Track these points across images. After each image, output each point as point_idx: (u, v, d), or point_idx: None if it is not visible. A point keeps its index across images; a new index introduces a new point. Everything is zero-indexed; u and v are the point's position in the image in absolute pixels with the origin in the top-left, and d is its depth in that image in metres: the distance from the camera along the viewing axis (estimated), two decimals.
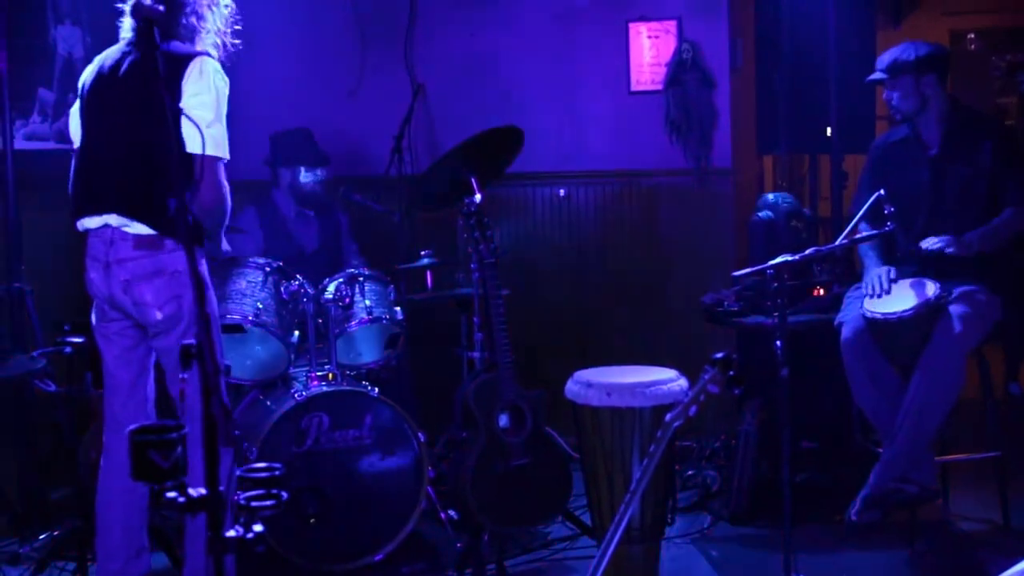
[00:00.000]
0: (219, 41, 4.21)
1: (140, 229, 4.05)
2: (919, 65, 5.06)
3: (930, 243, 4.90)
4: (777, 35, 6.27)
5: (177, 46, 4.08)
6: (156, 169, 3.99)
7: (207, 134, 3.91)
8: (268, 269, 5.14)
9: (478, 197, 5.16)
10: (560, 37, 6.73)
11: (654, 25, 6.53)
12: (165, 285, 4.06)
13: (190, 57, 4.02)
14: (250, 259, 5.24)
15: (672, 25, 6.48)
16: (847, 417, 5.33)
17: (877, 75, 5.17)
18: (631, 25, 6.57)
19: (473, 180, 5.22)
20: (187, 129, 3.90)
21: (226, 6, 4.27)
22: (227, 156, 4.05)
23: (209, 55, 4.10)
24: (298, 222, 6.05)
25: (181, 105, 3.94)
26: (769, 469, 5.51)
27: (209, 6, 4.18)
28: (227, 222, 4.14)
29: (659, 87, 6.51)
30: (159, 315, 4.08)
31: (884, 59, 5.17)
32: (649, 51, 6.55)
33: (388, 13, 6.92)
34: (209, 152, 3.95)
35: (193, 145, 3.93)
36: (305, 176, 5.98)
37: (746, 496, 5.44)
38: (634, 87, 6.61)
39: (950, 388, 4.74)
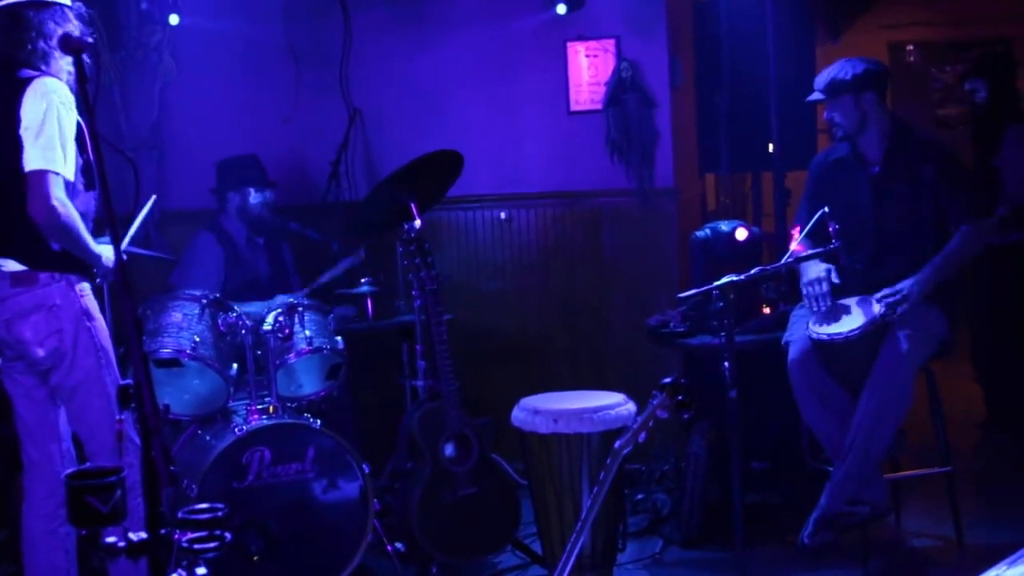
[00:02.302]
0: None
1: (13, 266, 4.03)
2: (857, 83, 5.09)
3: (887, 301, 4.92)
4: (716, 53, 6.31)
5: (22, 72, 4.01)
6: (16, 204, 3.93)
7: (30, 148, 3.86)
8: (204, 301, 5.11)
9: (418, 223, 5.15)
10: (498, 58, 6.74)
11: (592, 44, 6.55)
12: (43, 321, 4.03)
13: (29, 80, 3.96)
14: (186, 290, 5.21)
15: (611, 44, 6.51)
16: (797, 436, 5.35)
17: (816, 95, 5.20)
18: (569, 44, 6.59)
19: (412, 205, 5.21)
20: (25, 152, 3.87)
21: (79, 17, 4.12)
22: (59, 170, 3.91)
23: (50, 75, 4.01)
24: (249, 248, 6.03)
25: (21, 130, 3.90)
26: (720, 491, 5.53)
27: (56, 23, 4.03)
28: (82, 236, 3.99)
29: (599, 107, 6.53)
30: (40, 352, 4.06)
31: (822, 78, 5.18)
32: (588, 70, 6.57)
33: (322, 37, 6.90)
34: (32, 167, 3.87)
35: (27, 163, 3.88)
36: (255, 198, 5.98)
37: (697, 519, 5.45)
38: (573, 107, 6.63)
39: (899, 407, 4.77)
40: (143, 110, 6.74)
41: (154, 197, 4.83)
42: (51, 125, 3.91)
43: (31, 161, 3.88)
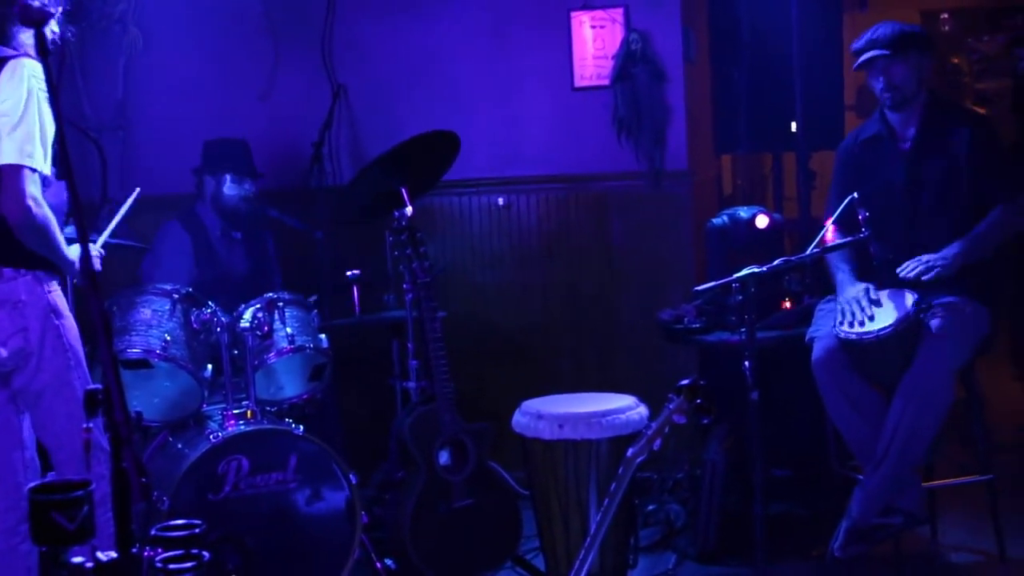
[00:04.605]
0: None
1: None
2: (924, 41, 5.06)
3: (908, 270, 4.92)
4: (734, 22, 6.29)
5: None
6: None
7: (7, 139, 3.86)
8: (176, 296, 5.10)
9: (409, 210, 5.15)
10: (495, 30, 6.71)
11: (598, 14, 6.52)
12: (7, 318, 4.02)
13: (4, 61, 3.95)
14: (156, 284, 5.20)
15: (618, 13, 6.48)
16: (822, 441, 5.35)
17: (876, 52, 5.05)
18: (573, 14, 6.56)
19: (403, 191, 5.21)
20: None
21: None
22: (37, 166, 3.93)
23: (28, 56, 3.99)
24: (223, 242, 6.01)
25: None
26: (739, 501, 5.53)
27: None
28: (56, 239, 4.00)
29: (605, 82, 6.50)
30: (3, 352, 4.04)
31: (882, 32, 5.07)
32: (593, 43, 6.55)
33: (302, 6, 6.86)
34: (8, 160, 3.88)
35: (1, 156, 3.88)
36: (230, 187, 5.95)
37: (714, 532, 5.45)
38: (578, 83, 6.61)
39: (939, 410, 4.75)
40: (107, 87, 6.72)
41: (137, 191, 4.86)
42: (32, 115, 3.91)
43: (6, 154, 3.87)
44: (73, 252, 4.06)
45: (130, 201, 4.92)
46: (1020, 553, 5.13)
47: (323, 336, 5.40)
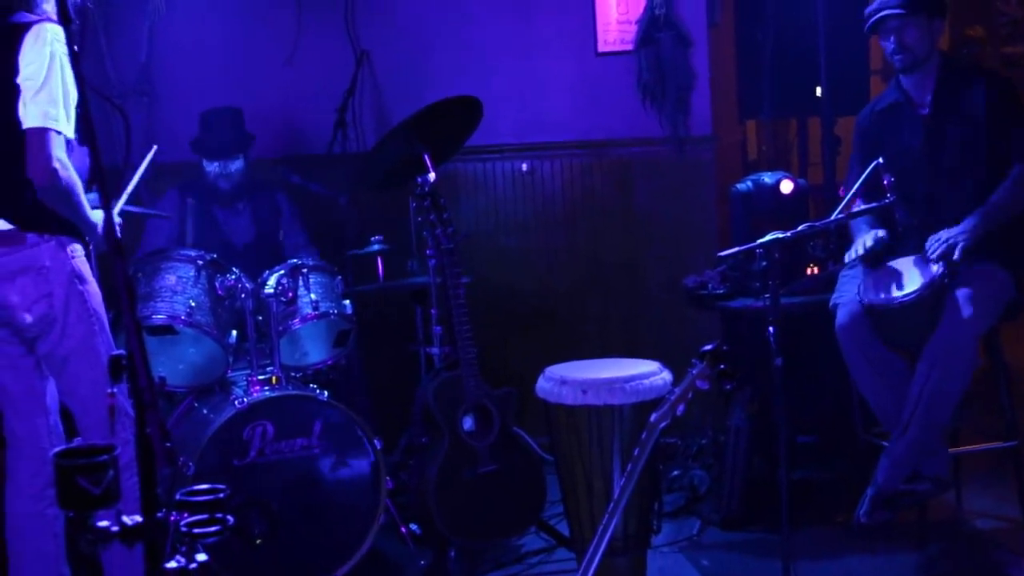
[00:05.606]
0: None
1: None
2: (937, 5, 5.03)
3: (933, 251, 4.87)
4: None
5: (19, 16, 4.00)
6: (8, 157, 3.94)
7: (31, 103, 3.87)
8: (201, 262, 5.11)
9: (432, 176, 5.14)
10: None
11: None
12: (31, 284, 4.04)
13: (28, 26, 3.95)
14: (180, 251, 5.20)
15: None
16: (847, 407, 5.34)
17: (888, 11, 5.00)
18: None
19: (426, 157, 5.20)
20: (22, 104, 3.88)
21: None
22: (62, 128, 3.93)
23: (51, 20, 3.99)
24: (225, 210, 6.01)
25: (19, 80, 3.89)
26: (763, 467, 5.53)
27: None
28: (80, 202, 4.01)
29: (629, 47, 6.48)
30: (28, 318, 4.06)
31: None
32: (617, 7, 6.52)
33: None
34: (32, 124, 3.88)
35: (25, 119, 3.89)
36: (209, 166, 5.95)
37: (738, 498, 5.46)
38: (602, 48, 6.59)
39: (963, 376, 4.72)
40: (131, 53, 6.71)
41: (155, 148, 4.85)
42: (55, 79, 3.90)
43: (30, 118, 3.88)
44: (96, 216, 4.07)
45: (147, 161, 4.88)
46: None
47: (347, 302, 5.40)
